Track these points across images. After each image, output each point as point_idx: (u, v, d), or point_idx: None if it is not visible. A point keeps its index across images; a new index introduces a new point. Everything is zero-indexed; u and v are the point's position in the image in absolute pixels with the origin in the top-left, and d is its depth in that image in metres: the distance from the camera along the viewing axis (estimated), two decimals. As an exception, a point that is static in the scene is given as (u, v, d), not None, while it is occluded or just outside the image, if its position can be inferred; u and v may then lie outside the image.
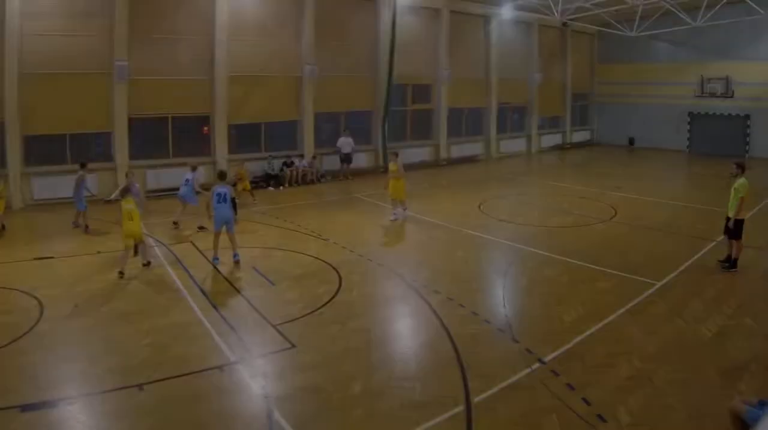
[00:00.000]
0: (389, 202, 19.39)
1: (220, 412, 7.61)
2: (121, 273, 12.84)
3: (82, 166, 17.84)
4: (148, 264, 13.64)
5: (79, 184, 17.44)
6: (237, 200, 16.34)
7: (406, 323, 10.94)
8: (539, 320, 10.62)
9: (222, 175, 14.75)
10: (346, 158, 27.34)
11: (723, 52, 34.22)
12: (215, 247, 14.08)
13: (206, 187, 17.24)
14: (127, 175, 16.95)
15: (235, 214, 14.83)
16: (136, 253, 13.74)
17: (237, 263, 13.95)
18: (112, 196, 17.74)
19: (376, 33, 28.98)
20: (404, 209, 18.90)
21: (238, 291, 12.24)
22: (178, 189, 18.22)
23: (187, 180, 17.90)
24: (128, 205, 13.28)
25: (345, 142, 27.14)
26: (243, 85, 25.08)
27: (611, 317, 10.68)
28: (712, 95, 34.78)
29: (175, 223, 17.60)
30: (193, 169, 18.24)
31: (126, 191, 13.68)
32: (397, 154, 19.33)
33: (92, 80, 21.75)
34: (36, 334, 9.93)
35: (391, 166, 18.98)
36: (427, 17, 31.35)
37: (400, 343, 10.00)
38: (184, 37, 23.55)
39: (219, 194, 13.98)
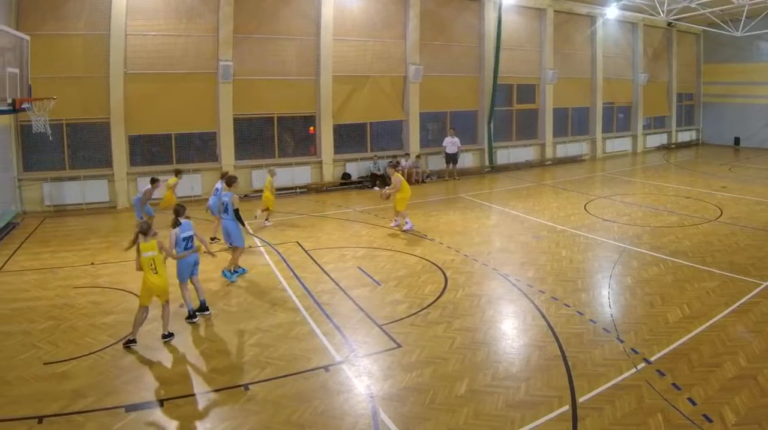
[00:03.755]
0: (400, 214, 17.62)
1: (325, 412, 7.57)
2: (133, 341, 9.52)
3: (153, 181, 16.53)
4: (170, 336, 9.79)
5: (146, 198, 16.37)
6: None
7: (510, 322, 10.71)
8: (644, 320, 10.40)
9: (230, 180, 13.37)
10: (451, 158, 27.07)
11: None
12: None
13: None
14: (153, 181, 16.08)
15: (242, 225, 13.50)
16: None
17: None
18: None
19: (480, 33, 28.77)
20: (395, 222, 17.65)
21: (344, 291, 12.10)
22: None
23: (216, 189, 15.80)
24: (149, 250, 9.49)
25: (450, 142, 26.89)
26: (348, 85, 25.05)
27: (717, 317, 10.37)
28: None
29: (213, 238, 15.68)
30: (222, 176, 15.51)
31: (147, 231, 9.59)
32: (397, 165, 17.82)
33: (196, 80, 21.77)
34: (141, 334, 9.74)
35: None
36: (532, 17, 30.86)
37: (505, 342, 9.79)
38: (289, 37, 23.52)
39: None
